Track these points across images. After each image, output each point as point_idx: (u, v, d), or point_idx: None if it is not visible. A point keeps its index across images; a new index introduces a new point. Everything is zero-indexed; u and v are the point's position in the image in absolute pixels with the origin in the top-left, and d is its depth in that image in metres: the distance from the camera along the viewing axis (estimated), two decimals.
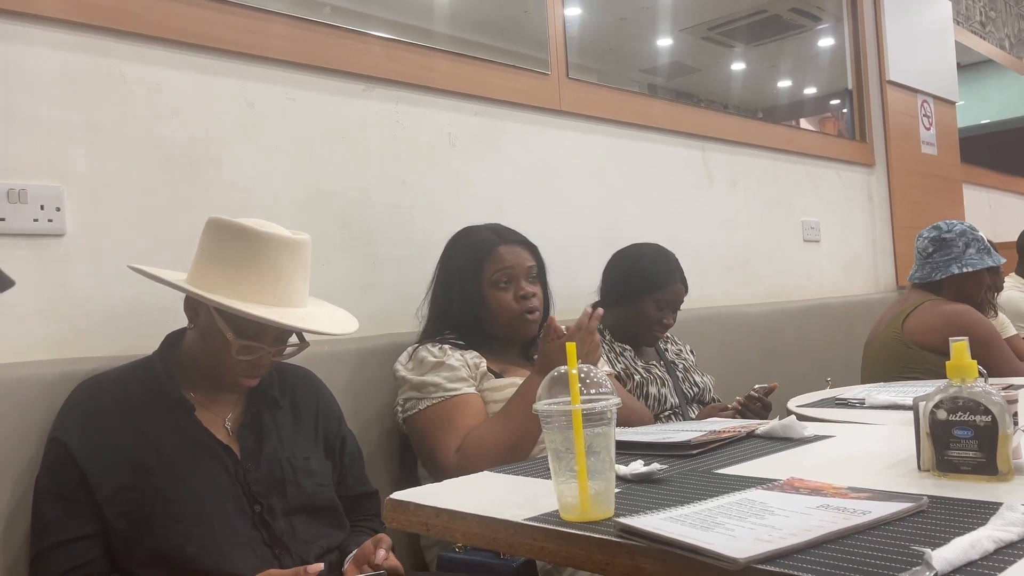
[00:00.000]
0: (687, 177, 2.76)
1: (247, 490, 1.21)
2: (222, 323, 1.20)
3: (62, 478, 1.15)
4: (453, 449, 1.48)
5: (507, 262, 1.63)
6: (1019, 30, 5.57)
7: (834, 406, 1.71)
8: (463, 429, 1.49)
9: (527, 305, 1.62)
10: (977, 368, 0.93)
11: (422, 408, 1.53)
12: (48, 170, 1.40)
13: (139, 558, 1.14)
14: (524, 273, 1.64)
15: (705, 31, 3.31)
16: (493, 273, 1.63)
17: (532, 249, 1.69)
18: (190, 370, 1.27)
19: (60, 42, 1.43)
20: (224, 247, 1.22)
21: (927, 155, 4.01)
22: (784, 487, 0.89)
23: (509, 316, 1.62)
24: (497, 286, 1.63)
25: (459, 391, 1.52)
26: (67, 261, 1.42)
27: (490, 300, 1.62)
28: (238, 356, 1.21)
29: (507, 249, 1.65)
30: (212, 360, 1.24)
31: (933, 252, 2.31)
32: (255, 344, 1.21)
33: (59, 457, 1.16)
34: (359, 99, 1.86)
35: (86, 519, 1.14)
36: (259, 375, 1.27)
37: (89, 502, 1.14)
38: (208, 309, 1.21)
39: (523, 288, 1.62)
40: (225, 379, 1.25)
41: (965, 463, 0.90)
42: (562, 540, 0.81)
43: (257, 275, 1.19)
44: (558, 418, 0.83)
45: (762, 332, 2.78)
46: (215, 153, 1.61)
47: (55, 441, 1.18)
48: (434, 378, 1.53)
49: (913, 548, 0.66)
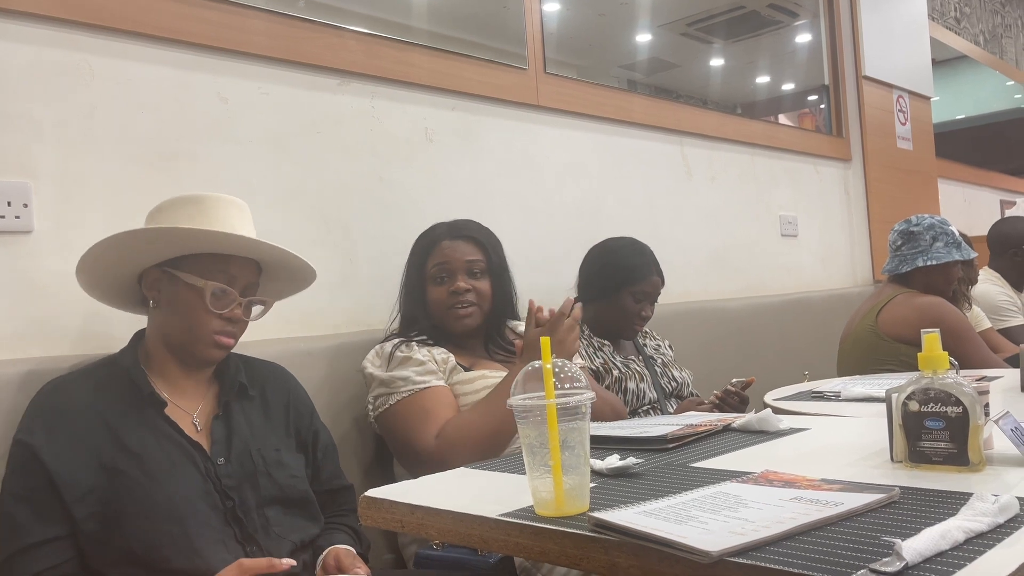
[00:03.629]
0: (666, 172, 2.77)
1: (218, 485, 1.20)
2: (189, 276, 1.22)
3: (29, 480, 1.13)
4: (432, 435, 1.47)
5: (445, 256, 1.65)
6: (993, 26, 5.63)
7: (810, 399, 1.72)
8: (439, 417, 1.49)
9: (456, 300, 1.62)
10: (948, 359, 0.94)
11: (393, 403, 1.52)
12: (16, 166, 1.38)
13: (112, 559, 1.12)
14: (463, 268, 1.64)
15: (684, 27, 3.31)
16: (432, 266, 1.65)
17: (481, 244, 1.68)
18: (158, 362, 1.26)
19: (28, 36, 1.41)
20: (173, 213, 1.24)
21: (903, 150, 4.05)
22: (758, 480, 0.89)
23: (441, 310, 1.63)
24: (434, 280, 1.65)
25: (428, 384, 1.52)
26: (35, 258, 1.39)
27: (428, 293, 1.65)
28: (211, 307, 1.22)
29: (450, 244, 1.66)
30: (185, 329, 1.24)
31: (901, 245, 2.35)
32: (227, 289, 1.24)
33: (25, 460, 1.14)
34: (334, 94, 1.85)
35: (55, 521, 1.12)
36: (234, 333, 1.27)
37: (57, 504, 1.12)
38: (170, 275, 1.24)
39: (456, 284, 1.63)
40: (202, 343, 1.24)
41: (937, 454, 0.91)
42: (536, 536, 0.80)
43: (210, 225, 1.23)
44: (532, 413, 0.83)
45: (741, 326, 2.80)
46: (188, 148, 1.59)
47: (20, 444, 1.15)
48: (402, 372, 1.53)
49: (884, 539, 0.67)
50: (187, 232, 1.20)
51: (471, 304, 1.63)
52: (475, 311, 1.64)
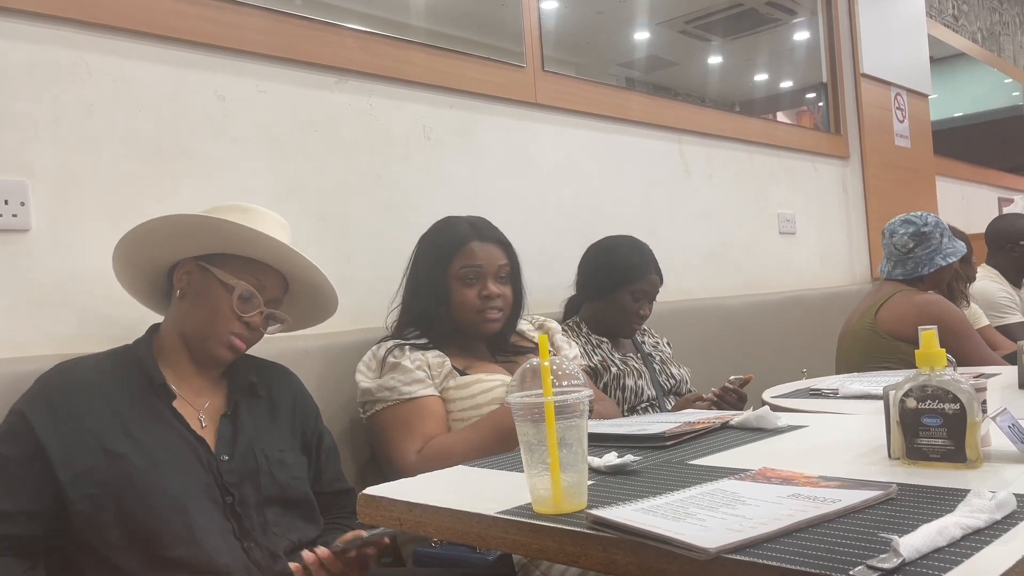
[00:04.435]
0: (664, 170, 2.77)
1: (219, 480, 1.20)
2: (223, 274, 1.25)
3: (12, 450, 1.12)
4: (412, 451, 1.47)
5: (478, 259, 1.61)
6: (991, 23, 5.63)
7: (808, 396, 1.72)
8: (421, 433, 1.48)
9: (488, 305, 1.60)
10: (946, 356, 0.94)
11: (378, 410, 1.52)
12: (13, 164, 1.38)
13: (112, 541, 1.12)
14: (493, 272, 1.62)
15: (682, 24, 3.31)
16: (461, 267, 1.61)
17: (507, 248, 1.67)
18: (172, 355, 1.28)
19: (24, 34, 1.40)
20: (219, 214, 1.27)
21: (901, 147, 4.05)
22: (756, 477, 0.89)
23: (469, 313, 1.61)
24: (463, 281, 1.61)
25: (414, 394, 1.51)
26: (33, 257, 1.39)
27: (454, 294, 1.61)
28: (236, 308, 1.25)
29: (480, 246, 1.63)
30: (206, 323, 1.26)
31: (915, 247, 2.29)
32: (255, 294, 1.26)
33: (16, 430, 1.13)
34: (332, 92, 1.84)
35: (28, 495, 1.10)
36: (249, 340, 1.29)
37: (39, 479, 1.11)
38: (204, 269, 1.26)
39: (488, 288, 1.60)
40: (216, 341, 1.26)
41: (934, 451, 0.91)
42: (534, 533, 0.80)
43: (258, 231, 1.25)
44: (530, 411, 0.83)
45: (739, 324, 2.80)
46: (185, 147, 1.59)
47: (17, 414, 1.14)
48: (389, 381, 1.52)
49: (881, 535, 0.67)
50: (235, 228, 1.23)
51: (500, 310, 1.62)
52: (502, 317, 1.64)
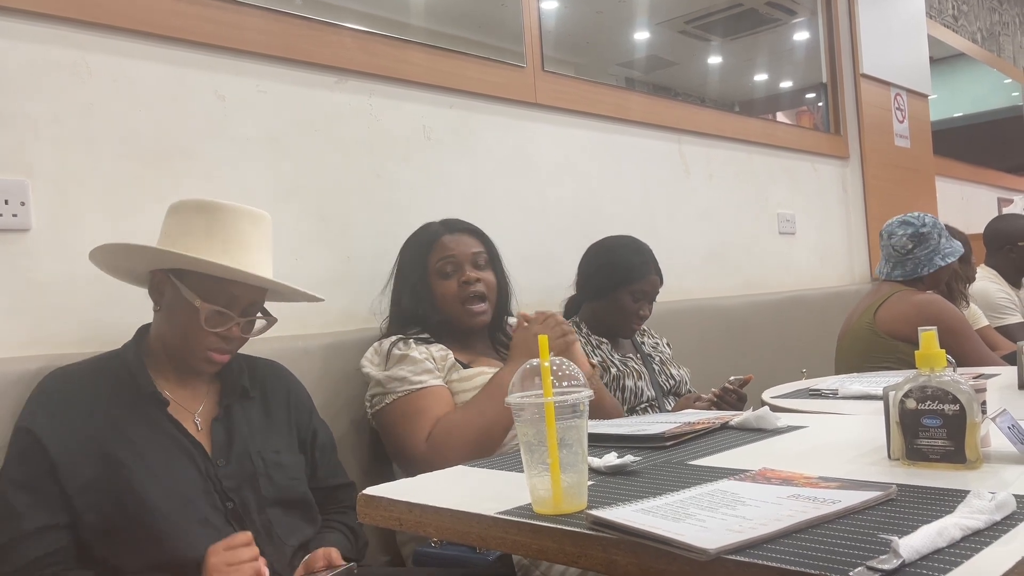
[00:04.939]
0: (664, 170, 2.77)
1: (218, 486, 1.20)
2: (188, 292, 1.20)
3: (30, 468, 1.13)
4: (422, 438, 1.48)
5: (450, 249, 1.64)
6: (991, 24, 5.64)
7: (807, 397, 1.72)
8: (432, 419, 1.49)
9: (469, 292, 1.62)
10: (946, 357, 0.94)
11: (388, 402, 1.53)
12: (13, 164, 1.38)
13: (117, 549, 1.12)
14: (469, 259, 1.65)
15: (682, 24, 3.31)
16: (437, 262, 1.64)
17: (480, 236, 1.70)
18: (160, 360, 1.27)
19: (25, 33, 1.40)
20: (187, 222, 1.23)
21: (900, 148, 4.05)
22: (756, 477, 0.90)
23: (453, 306, 1.62)
24: (442, 274, 1.64)
25: (425, 383, 1.52)
26: (33, 256, 1.39)
27: (436, 289, 1.63)
28: (207, 327, 1.20)
29: (451, 237, 1.66)
30: (180, 339, 1.23)
31: (913, 248, 2.30)
32: (224, 311, 1.21)
33: (28, 446, 1.14)
34: (332, 91, 1.84)
35: (54, 509, 1.12)
36: (229, 350, 1.26)
37: (58, 492, 1.12)
38: (173, 284, 1.22)
39: (466, 274, 1.62)
40: (195, 357, 1.24)
41: (934, 451, 0.91)
42: (534, 533, 0.80)
43: (223, 243, 1.21)
44: (530, 411, 0.83)
45: (738, 324, 2.80)
46: (185, 146, 1.59)
47: (23, 431, 1.15)
48: (399, 372, 1.53)
49: (881, 536, 0.67)
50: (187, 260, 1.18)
51: (482, 293, 1.63)
52: (487, 308, 1.65)
